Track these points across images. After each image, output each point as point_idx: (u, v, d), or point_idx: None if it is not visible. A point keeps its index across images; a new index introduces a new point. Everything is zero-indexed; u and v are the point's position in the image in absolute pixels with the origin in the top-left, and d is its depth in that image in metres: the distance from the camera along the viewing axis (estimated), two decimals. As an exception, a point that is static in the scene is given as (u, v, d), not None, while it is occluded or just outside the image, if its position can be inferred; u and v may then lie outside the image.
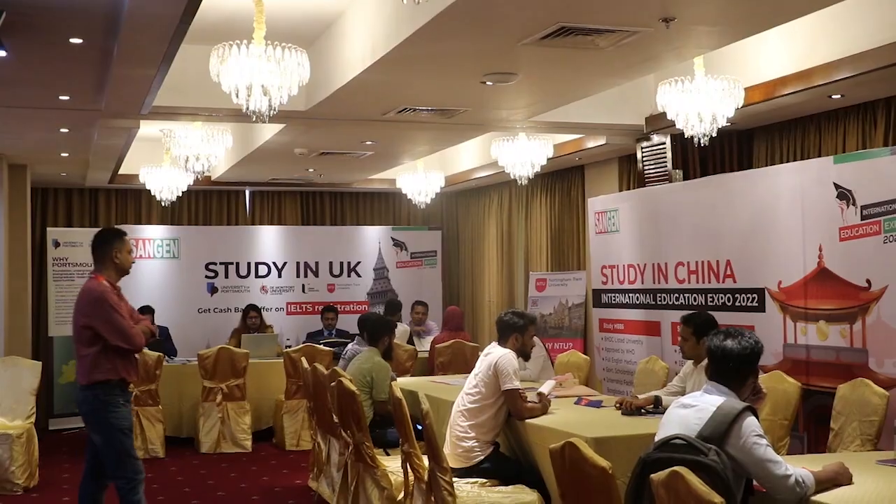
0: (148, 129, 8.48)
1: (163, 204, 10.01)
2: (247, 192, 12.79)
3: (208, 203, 12.65)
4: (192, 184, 9.90)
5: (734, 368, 3.68)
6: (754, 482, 3.56)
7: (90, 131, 8.03)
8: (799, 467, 3.57)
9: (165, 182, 9.68)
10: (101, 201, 12.12)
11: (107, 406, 5.16)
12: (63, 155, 9.40)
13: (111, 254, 5.29)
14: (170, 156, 8.79)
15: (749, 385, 3.73)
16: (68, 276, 11.19)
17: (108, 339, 5.12)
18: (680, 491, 3.08)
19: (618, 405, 5.60)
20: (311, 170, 10.99)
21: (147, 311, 10.24)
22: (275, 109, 5.33)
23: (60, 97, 6.77)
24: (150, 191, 9.92)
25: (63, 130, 8.04)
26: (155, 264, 11.63)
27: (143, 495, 5.23)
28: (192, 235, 11.96)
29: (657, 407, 5.49)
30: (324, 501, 6.90)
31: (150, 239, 11.67)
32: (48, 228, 11.47)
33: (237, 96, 5.27)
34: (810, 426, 6.11)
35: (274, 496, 7.38)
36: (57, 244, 11.19)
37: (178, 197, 9.92)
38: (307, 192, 13.01)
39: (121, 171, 10.61)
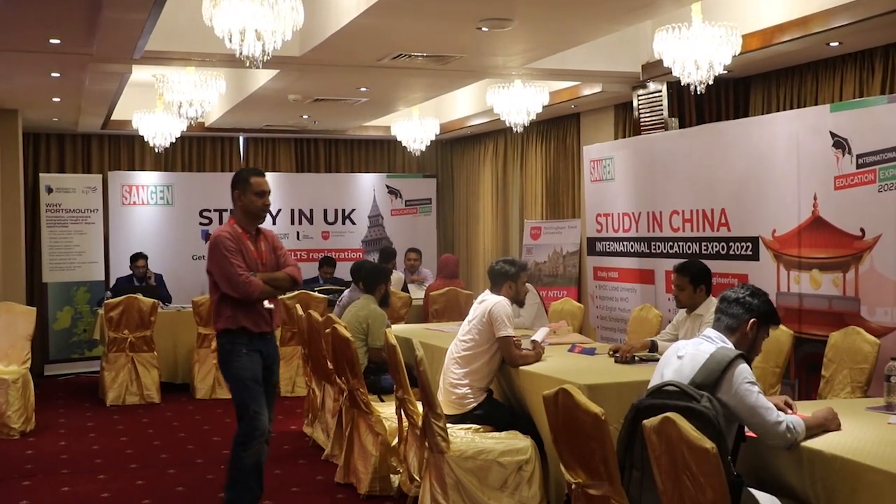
0: (140, 74, 8.40)
1: (156, 150, 9.98)
2: (241, 139, 12.72)
3: (202, 149, 12.57)
4: (185, 130, 9.85)
5: (734, 315, 3.72)
6: (746, 428, 3.59)
7: (82, 76, 7.96)
8: (788, 412, 3.60)
9: (158, 128, 9.62)
10: (93, 147, 12.04)
11: (230, 355, 4.97)
12: (55, 100, 9.32)
13: (235, 196, 5.05)
14: (163, 101, 8.72)
15: (749, 339, 3.75)
16: (61, 223, 11.15)
17: (219, 284, 4.93)
18: (672, 437, 3.11)
19: (611, 353, 5.63)
20: (305, 116, 10.93)
21: (140, 257, 10.26)
22: (268, 55, 5.28)
23: (51, 41, 6.69)
24: (143, 137, 9.86)
25: (54, 75, 7.97)
26: (149, 211, 11.60)
27: (252, 455, 4.98)
28: (187, 182, 11.91)
29: (653, 351, 5.54)
30: (318, 447, 6.97)
31: (144, 185, 11.62)
32: (40, 174, 11.40)
33: (230, 41, 5.21)
34: (802, 373, 6.15)
35: (269, 441, 7.41)
36: (50, 190, 11.14)
37: (171, 143, 9.88)
38: (301, 138, 12.93)
39: (113, 117, 10.53)
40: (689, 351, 3.67)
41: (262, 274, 4.98)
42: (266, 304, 5.03)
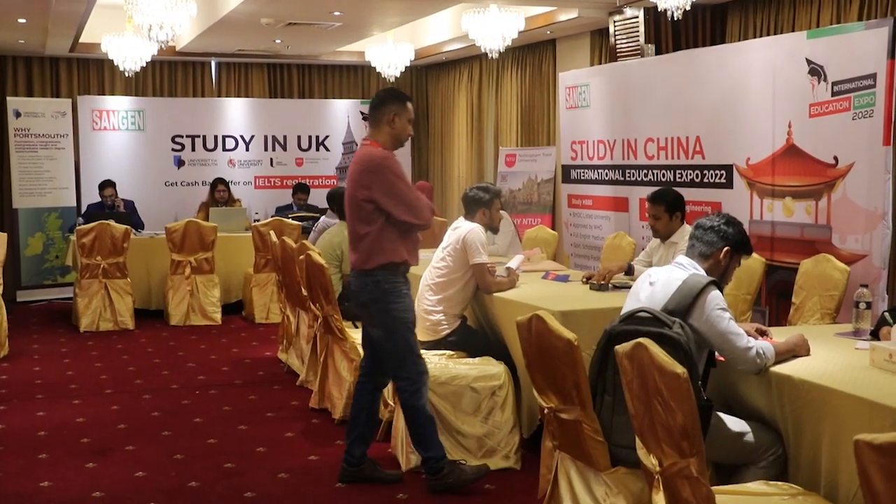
0: (108, -5, 8.23)
1: (126, 74, 9.80)
2: (213, 64, 12.53)
3: (173, 74, 12.38)
4: (155, 54, 9.68)
5: (709, 242, 3.74)
6: (716, 354, 3.64)
7: (48, -4, 7.78)
8: (760, 339, 3.64)
9: (128, 51, 9.45)
10: (62, 70, 11.82)
11: (389, 294, 4.45)
12: (20, 21, 9.11)
13: (388, 117, 4.46)
14: (132, 24, 8.55)
15: (721, 267, 3.77)
16: (31, 147, 10.98)
17: (392, 213, 4.36)
18: (643, 362, 3.14)
19: (585, 280, 5.66)
20: (278, 41, 10.76)
21: (108, 185, 10.15)
22: (239, -24, 5.17)
23: (15, -40, 6.53)
24: (112, 60, 9.69)
25: (19, -5, 7.79)
26: (120, 136, 11.44)
27: (426, 400, 4.54)
28: (158, 107, 11.74)
29: (629, 274, 5.58)
30: (293, 373, 7.00)
31: (115, 110, 11.44)
32: (8, 98, 11.18)
33: (200, -39, 5.09)
34: (772, 300, 6.22)
35: (244, 367, 7.46)
36: (18, 114, 10.94)
37: (141, 67, 9.71)
38: (274, 63, 12.75)
39: (82, 40, 10.33)
40: (662, 277, 3.70)
41: None
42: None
